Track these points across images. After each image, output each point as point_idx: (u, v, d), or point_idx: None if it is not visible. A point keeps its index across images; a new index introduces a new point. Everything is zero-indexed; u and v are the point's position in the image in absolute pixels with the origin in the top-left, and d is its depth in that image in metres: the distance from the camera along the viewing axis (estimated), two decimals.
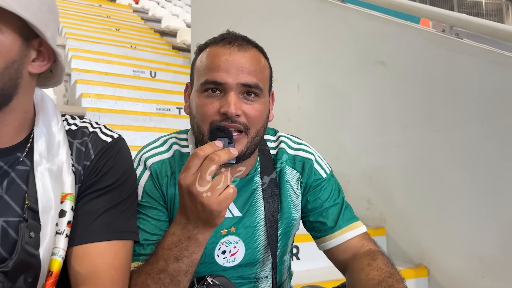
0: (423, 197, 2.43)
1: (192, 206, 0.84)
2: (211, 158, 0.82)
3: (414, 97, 2.49)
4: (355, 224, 1.17)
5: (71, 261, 0.88)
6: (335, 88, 3.06)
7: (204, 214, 0.83)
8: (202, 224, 0.86)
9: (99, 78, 4.28)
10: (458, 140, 2.24)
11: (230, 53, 1.02)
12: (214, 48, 1.05)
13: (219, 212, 0.83)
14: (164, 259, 0.88)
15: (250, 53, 1.04)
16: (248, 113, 1.01)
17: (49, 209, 0.86)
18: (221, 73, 1.00)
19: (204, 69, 1.03)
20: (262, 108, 1.04)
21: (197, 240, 0.87)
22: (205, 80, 1.01)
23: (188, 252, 0.87)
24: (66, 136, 0.94)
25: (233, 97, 0.98)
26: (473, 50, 2.20)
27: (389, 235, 2.62)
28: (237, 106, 0.98)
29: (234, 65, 1.00)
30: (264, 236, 1.13)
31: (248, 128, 1.01)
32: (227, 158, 0.84)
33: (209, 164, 0.82)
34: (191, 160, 0.84)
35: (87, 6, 8.31)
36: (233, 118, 0.98)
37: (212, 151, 0.84)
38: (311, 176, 1.17)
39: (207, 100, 1.01)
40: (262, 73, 1.06)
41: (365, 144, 2.81)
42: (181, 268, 0.88)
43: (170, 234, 0.89)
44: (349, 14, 2.99)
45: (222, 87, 1.00)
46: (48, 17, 0.85)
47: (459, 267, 2.25)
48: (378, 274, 1.00)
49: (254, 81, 1.01)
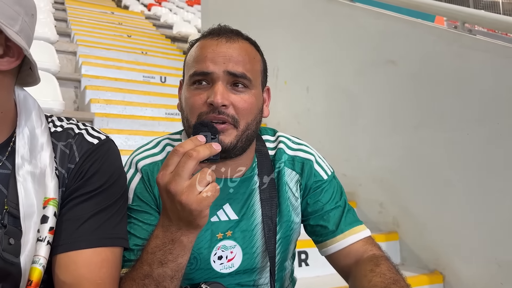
0: (438, 200, 2.35)
1: (172, 206, 0.79)
2: (188, 154, 0.77)
3: (426, 96, 2.42)
4: (358, 227, 1.11)
5: (55, 269, 0.84)
6: (344, 89, 3.00)
7: (184, 214, 0.78)
8: (185, 225, 0.81)
9: (109, 84, 4.28)
10: (473, 140, 2.16)
11: (218, 44, 1.00)
12: (202, 41, 1.03)
13: (199, 211, 0.77)
14: (148, 263, 0.83)
15: (238, 44, 1.01)
16: (236, 104, 0.97)
17: (31, 214, 0.82)
18: (208, 63, 0.97)
19: (192, 62, 1.01)
20: (252, 100, 1.00)
21: (181, 242, 0.82)
22: (193, 72, 0.99)
23: (173, 256, 0.82)
24: (50, 138, 0.89)
25: (219, 87, 0.95)
26: (487, 46, 2.12)
27: (403, 240, 2.54)
28: (224, 96, 0.94)
29: (221, 55, 0.98)
30: (262, 240, 1.08)
31: (237, 121, 0.97)
32: (207, 153, 0.78)
33: (186, 161, 0.77)
34: (170, 157, 0.79)
35: (99, 13, 8.39)
36: (219, 109, 0.94)
37: (192, 147, 0.78)
38: (311, 178, 1.12)
39: (195, 92, 0.98)
40: (251, 64, 1.02)
41: (376, 146, 2.74)
42: (166, 273, 0.83)
43: (154, 237, 0.84)
44: (357, 13, 2.94)
45: (209, 77, 0.97)
46: (15, 9, 0.80)
47: (476, 273, 2.16)
48: (381, 280, 0.94)
49: (240, 70, 0.98)
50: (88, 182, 0.89)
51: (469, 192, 2.19)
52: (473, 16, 2.24)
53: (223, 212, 1.05)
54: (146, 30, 7.99)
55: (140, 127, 3.52)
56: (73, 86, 4.34)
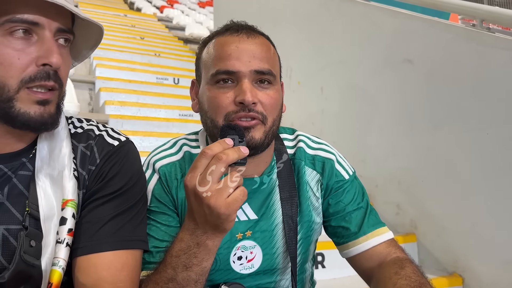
0: (456, 201, 2.31)
1: (199, 209, 0.78)
2: (218, 157, 0.77)
3: (444, 95, 2.37)
4: (381, 229, 1.08)
5: (75, 272, 0.83)
6: (360, 89, 2.97)
7: (212, 218, 0.78)
8: (211, 229, 0.80)
9: (123, 85, 4.31)
10: (493, 140, 2.12)
11: (240, 40, 0.98)
12: (221, 38, 1.00)
13: (228, 215, 0.77)
14: (173, 267, 0.83)
15: (259, 39, 1.00)
16: (264, 101, 0.96)
17: (51, 216, 0.82)
18: (233, 61, 0.95)
19: (213, 60, 0.98)
20: (277, 96, 0.99)
21: (207, 246, 0.82)
22: (216, 71, 0.96)
23: (198, 259, 0.82)
24: (69, 139, 0.89)
25: (247, 85, 0.94)
26: (507, 44, 2.07)
27: (420, 242, 2.51)
28: (253, 94, 0.94)
29: (246, 52, 0.96)
30: (283, 240, 1.06)
31: (265, 117, 0.96)
32: (236, 157, 0.78)
33: (215, 164, 0.76)
34: (198, 159, 0.78)
35: (112, 16, 8.45)
36: (249, 107, 0.93)
37: (221, 150, 0.78)
38: (332, 178, 1.09)
39: (220, 91, 0.96)
40: (273, 60, 1.01)
41: (393, 146, 2.70)
42: (191, 277, 0.82)
43: (179, 240, 0.84)
44: (372, 12, 2.90)
45: (235, 76, 0.95)
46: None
47: (496, 275, 2.12)
48: (406, 283, 0.92)
49: (267, 67, 0.97)
50: (108, 184, 0.89)
51: (489, 193, 2.14)
52: (492, 13, 2.20)
53: (242, 212, 1.04)
54: (158, 32, 8.02)
55: (154, 128, 3.54)
56: (88, 88, 4.38)
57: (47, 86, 0.79)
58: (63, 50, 0.83)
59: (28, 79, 0.77)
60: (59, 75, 0.81)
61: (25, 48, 0.77)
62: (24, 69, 0.77)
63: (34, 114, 0.78)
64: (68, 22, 0.83)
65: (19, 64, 0.76)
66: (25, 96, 0.77)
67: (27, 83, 0.77)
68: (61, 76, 0.82)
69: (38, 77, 0.77)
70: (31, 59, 0.77)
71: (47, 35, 0.79)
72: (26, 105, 0.78)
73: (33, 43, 0.78)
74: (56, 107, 0.83)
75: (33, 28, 0.78)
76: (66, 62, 0.84)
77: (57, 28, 0.80)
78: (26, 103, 0.78)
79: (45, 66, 0.78)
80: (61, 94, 0.84)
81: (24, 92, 0.77)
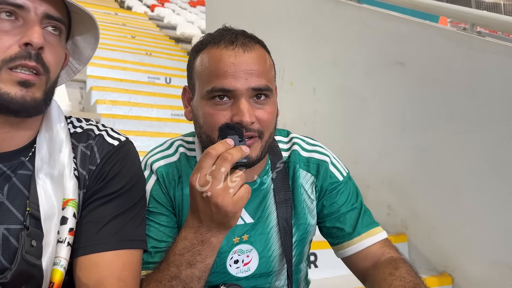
0: (446, 202, 2.34)
1: (206, 208, 0.80)
2: (224, 157, 0.79)
3: (435, 98, 2.41)
4: (375, 229, 1.10)
5: (77, 272, 0.84)
6: (352, 91, 3.00)
7: (219, 216, 0.80)
8: (216, 226, 0.82)
9: (114, 84, 4.28)
10: (482, 143, 2.15)
11: (236, 55, 0.93)
12: (215, 50, 0.95)
13: (235, 213, 0.79)
14: (176, 265, 0.84)
15: (255, 52, 0.96)
16: (261, 118, 0.94)
17: (52, 216, 0.82)
18: (229, 80, 0.91)
19: (208, 75, 0.94)
20: (273, 110, 0.98)
21: (211, 243, 0.84)
22: (212, 88, 0.93)
23: (202, 256, 0.84)
24: (69, 139, 0.89)
25: (245, 105, 0.91)
26: (497, 48, 2.11)
27: (411, 242, 2.54)
28: (251, 114, 0.91)
29: (242, 68, 0.92)
30: (278, 243, 1.07)
31: (262, 133, 0.95)
32: (239, 156, 0.80)
33: (222, 164, 0.78)
34: (203, 160, 0.80)
35: (103, 14, 8.38)
36: (247, 127, 0.92)
37: (224, 150, 0.80)
38: (327, 179, 1.10)
39: (217, 108, 0.93)
40: (270, 73, 0.99)
41: (385, 148, 2.73)
42: (194, 274, 0.84)
43: (182, 239, 0.85)
44: (365, 14, 2.93)
45: (232, 94, 0.92)
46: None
47: (486, 274, 2.15)
48: (401, 284, 0.94)
49: (264, 84, 0.94)
50: (109, 184, 0.89)
51: (479, 194, 2.18)
52: (482, 18, 2.24)
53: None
54: (149, 31, 7.98)
55: (146, 128, 3.53)
56: (79, 87, 4.34)
57: (28, 66, 0.78)
58: (51, 38, 0.82)
59: (9, 58, 0.76)
60: (43, 58, 0.80)
61: (9, 30, 0.77)
62: (5, 50, 0.77)
63: (14, 96, 0.77)
64: (57, 10, 0.82)
65: (1, 44, 0.76)
66: (6, 76, 0.77)
67: (7, 62, 0.76)
68: (47, 60, 0.80)
69: (19, 56, 0.77)
70: (14, 41, 0.77)
71: (32, 17, 0.79)
72: (7, 85, 0.77)
73: (17, 26, 0.78)
74: (44, 94, 0.81)
75: (18, 12, 0.78)
76: (54, 49, 0.82)
77: (44, 13, 0.80)
78: (7, 84, 0.77)
79: (27, 46, 0.77)
80: (49, 81, 0.82)
81: (5, 72, 0.77)
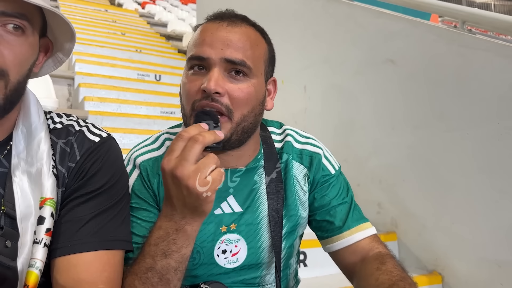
0: (436, 200, 2.33)
1: (177, 192, 0.77)
2: (194, 138, 0.76)
3: (425, 95, 2.40)
4: (365, 224, 1.09)
5: (54, 273, 0.80)
6: (342, 89, 2.98)
7: (191, 199, 0.76)
8: (190, 212, 0.79)
9: (103, 81, 4.24)
10: (473, 140, 2.15)
11: (218, 27, 0.94)
12: (204, 24, 0.98)
13: (207, 196, 0.76)
14: (151, 255, 0.81)
15: (240, 28, 0.95)
16: (232, 93, 0.91)
17: (28, 215, 0.79)
18: (205, 48, 0.92)
19: (191, 45, 0.97)
20: (250, 90, 0.94)
21: (186, 232, 0.80)
22: (190, 56, 0.94)
23: (177, 246, 0.80)
24: (48, 136, 0.86)
25: (214, 73, 0.90)
26: (487, 45, 2.10)
27: (401, 240, 2.53)
28: (218, 83, 0.89)
29: (220, 39, 0.92)
30: (268, 235, 1.05)
31: (231, 112, 0.92)
32: (212, 139, 0.77)
33: (192, 145, 0.76)
34: (175, 142, 0.77)
35: (93, 11, 8.31)
36: (213, 96, 0.89)
37: (197, 132, 0.78)
38: (319, 172, 1.09)
39: (191, 77, 0.94)
40: (252, 51, 0.95)
41: (375, 146, 2.72)
42: (170, 264, 0.80)
43: (157, 228, 0.82)
44: (356, 12, 2.91)
45: (206, 62, 0.92)
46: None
47: (475, 273, 2.15)
48: (388, 278, 0.93)
49: (239, 58, 0.92)
50: (89, 181, 0.85)
51: (469, 192, 2.17)
52: (474, 15, 2.23)
53: (227, 204, 1.03)
54: (140, 28, 7.93)
55: (135, 125, 3.49)
56: (67, 84, 4.29)
57: None
58: (10, 37, 0.75)
59: None
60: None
61: None
62: None
63: None
64: (17, 6, 0.76)
65: None
66: None
67: None
68: (2, 63, 0.74)
69: None
70: None
71: None
72: None
73: None
74: (4, 98, 0.76)
75: None
76: (13, 49, 0.76)
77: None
78: None
79: None
80: (8, 84, 0.76)
81: None
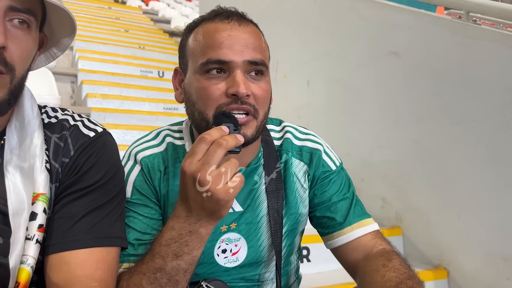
0: (441, 194, 2.30)
1: (197, 196, 0.77)
2: (218, 142, 0.76)
3: (430, 88, 2.36)
4: (367, 220, 1.06)
5: (47, 270, 0.79)
6: (346, 82, 2.95)
7: (210, 204, 0.77)
8: (206, 216, 0.79)
9: (106, 78, 4.24)
10: (478, 133, 2.11)
11: (231, 28, 0.93)
12: (210, 25, 0.95)
13: (227, 201, 0.77)
14: (162, 256, 0.81)
15: (251, 28, 0.97)
16: (256, 94, 0.92)
17: (21, 211, 0.77)
18: (225, 51, 0.90)
19: (202, 48, 0.93)
20: (268, 88, 0.97)
21: (199, 234, 0.80)
22: (206, 60, 0.91)
23: (189, 248, 0.80)
24: (41, 130, 0.84)
25: (241, 76, 0.90)
26: (493, 36, 2.06)
27: (406, 235, 2.50)
28: (247, 86, 0.90)
29: (238, 40, 0.91)
30: (268, 233, 1.04)
31: (257, 111, 0.93)
32: (234, 144, 0.78)
33: (216, 149, 0.76)
34: (197, 145, 0.77)
35: (96, 8, 8.30)
36: (243, 99, 0.89)
37: (219, 136, 0.77)
38: (319, 168, 1.07)
39: (211, 82, 0.91)
40: (265, 50, 0.98)
41: (379, 140, 2.69)
42: (181, 266, 0.80)
43: (169, 229, 0.81)
44: (359, 4, 2.88)
45: (227, 66, 0.91)
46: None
47: (481, 268, 2.12)
48: (395, 275, 0.90)
49: (260, 58, 0.93)
50: (83, 177, 0.84)
51: (474, 186, 2.14)
52: (478, 5, 2.19)
53: None
54: (143, 25, 7.91)
55: (137, 122, 3.48)
56: (70, 81, 4.30)
57: None
58: (17, 32, 0.76)
59: None
60: (6, 58, 0.74)
61: None
62: None
63: None
64: (26, 1, 0.76)
65: None
66: None
67: None
68: (11, 58, 0.74)
69: None
70: None
71: None
72: None
73: None
74: (9, 93, 0.76)
75: None
76: (20, 44, 0.76)
77: (7, 6, 0.73)
78: None
79: None
80: (14, 79, 0.76)
81: None
